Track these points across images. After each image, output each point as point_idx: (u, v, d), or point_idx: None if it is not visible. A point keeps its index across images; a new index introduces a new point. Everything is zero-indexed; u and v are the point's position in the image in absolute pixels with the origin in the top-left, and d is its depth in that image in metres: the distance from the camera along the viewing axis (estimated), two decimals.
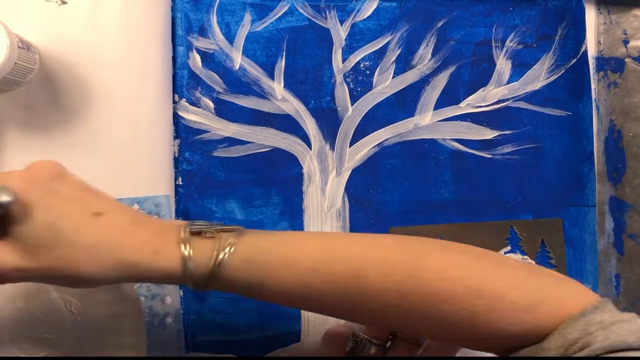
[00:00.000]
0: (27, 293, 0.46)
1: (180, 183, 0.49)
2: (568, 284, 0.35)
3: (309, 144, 0.50)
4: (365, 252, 0.35)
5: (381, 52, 0.50)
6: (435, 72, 0.51)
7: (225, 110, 0.49)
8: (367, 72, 0.50)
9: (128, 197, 0.49)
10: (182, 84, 0.49)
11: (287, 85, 0.50)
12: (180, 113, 0.49)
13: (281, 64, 0.50)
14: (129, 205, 0.40)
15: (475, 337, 0.34)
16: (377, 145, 0.51)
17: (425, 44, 0.51)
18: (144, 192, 0.49)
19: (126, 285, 0.47)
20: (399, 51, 0.50)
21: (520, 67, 0.51)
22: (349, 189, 0.50)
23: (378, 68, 0.50)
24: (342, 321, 0.50)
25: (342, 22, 0.50)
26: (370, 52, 0.50)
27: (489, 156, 0.51)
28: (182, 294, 0.48)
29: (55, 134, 0.48)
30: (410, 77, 0.51)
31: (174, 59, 0.49)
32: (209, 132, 0.49)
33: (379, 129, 0.51)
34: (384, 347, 0.45)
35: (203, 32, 0.49)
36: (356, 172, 0.50)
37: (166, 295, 0.48)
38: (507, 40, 0.51)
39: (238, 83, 0.49)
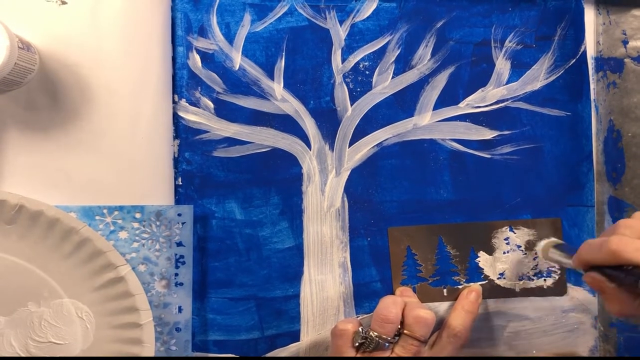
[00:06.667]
0: (40, 296, 0.47)
1: (180, 183, 0.49)
2: None
3: (308, 144, 0.50)
4: None
5: (380, 53, 0.50)
6: (434, 72, 0.51)
7: (224, 111, 0.49)
8: (367, 72, 0.50)
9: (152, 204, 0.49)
10: (182, 84, 0.49)
11: (287, 86, 0.50)
12: (180, 113, 0.49)
13: (281, 64, 0.50)
14: None
15: None
16: (377, 145, 0.51)
17: (425, 44, 0.51)
18: (144, 193, 0.49)
19: (137, 295, 0.47)
20: (398, 51, 0.51)
21: (519, 67, 0.51)
22: (348, 189, 0.51)
23: (377, 68, 0.50)
24: (349, 317, 0.50)
25: (341, 22, 0.50)
26: (370, 53, 0.50)
27: (488, 156, 0.51)
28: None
29: (55, 134, 0.48)
30: (409, 77, 0.51)
31: (173, 59, 0.49)
32: (208, 132, 0.49)
33: (379, 129, 0.51)
34: (391, 344, 0.45)
35: (203, 32, 0.49)
36: (355, 172, 0.51)
37: (177, 305, 0.48)
38: (507, 41, 0.51)
39: (238, 83, 0.49)
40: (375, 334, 0.45)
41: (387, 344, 0.45)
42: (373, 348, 0.45)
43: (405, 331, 0.45)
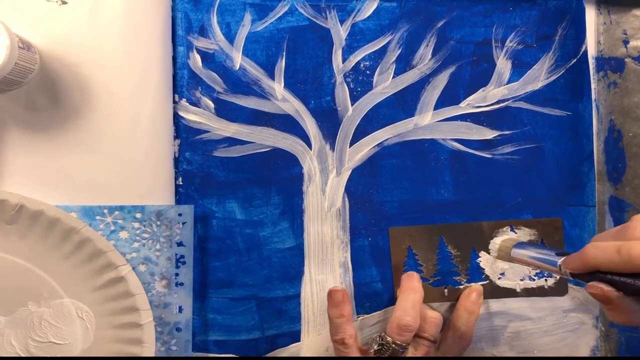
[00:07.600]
0: (40, 296, 0.47)
1: (181, 183, 0.49)
2: None
3: (309, 144, 0.50)
4: None
5: (381, 52, 0.50)
6: (435, 72, 0.51)
7: (225, 110, 0.49)
8: (367, 72, 0.50)
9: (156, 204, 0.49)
10: (182, 84, 0.49)
11: (287, 85, 0.50)
12: (181, 113, 0.49)
13: (281, 64, 0.50)
14: None
15: None
16: (377, 145, 0.51)
17: (426, 44, 0.51)
18: (144, 193, 0.49)
19: (138, 295, 0.47)
20: (399, 51, 0.50)
21: (520, 67, 0.51)
22: (349, 189, 0.50)
23: (378, 68, 0.50)
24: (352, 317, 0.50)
25: (342, 22, 0.50)
26: (371, 52, 0.50)
27: (489, 156, 0.51)
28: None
29: (56, 134, 0.48)
30: (410, 77, 0.51)
31: (174, 59, 0.49)
32: (209, 132, 0.49)
33: (379, 129, 0.51)
34: (406, 349, 0.45)
35: (203, 32, 0.49)
36: (356, 172, 0.51)
37: (177, 305, 0.48)
38: (507, 40, 0.51)
39: (238, 83, 0.49)
40: (391, 339, 0.45)
41: (402, 350, 0.45)
42: (390, 354, 0.45)
43: (418, 332, 0.45)
